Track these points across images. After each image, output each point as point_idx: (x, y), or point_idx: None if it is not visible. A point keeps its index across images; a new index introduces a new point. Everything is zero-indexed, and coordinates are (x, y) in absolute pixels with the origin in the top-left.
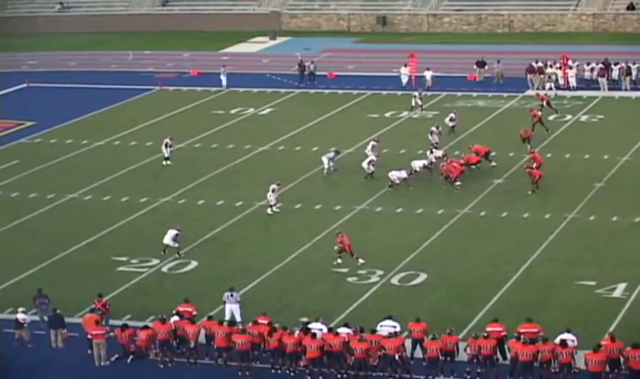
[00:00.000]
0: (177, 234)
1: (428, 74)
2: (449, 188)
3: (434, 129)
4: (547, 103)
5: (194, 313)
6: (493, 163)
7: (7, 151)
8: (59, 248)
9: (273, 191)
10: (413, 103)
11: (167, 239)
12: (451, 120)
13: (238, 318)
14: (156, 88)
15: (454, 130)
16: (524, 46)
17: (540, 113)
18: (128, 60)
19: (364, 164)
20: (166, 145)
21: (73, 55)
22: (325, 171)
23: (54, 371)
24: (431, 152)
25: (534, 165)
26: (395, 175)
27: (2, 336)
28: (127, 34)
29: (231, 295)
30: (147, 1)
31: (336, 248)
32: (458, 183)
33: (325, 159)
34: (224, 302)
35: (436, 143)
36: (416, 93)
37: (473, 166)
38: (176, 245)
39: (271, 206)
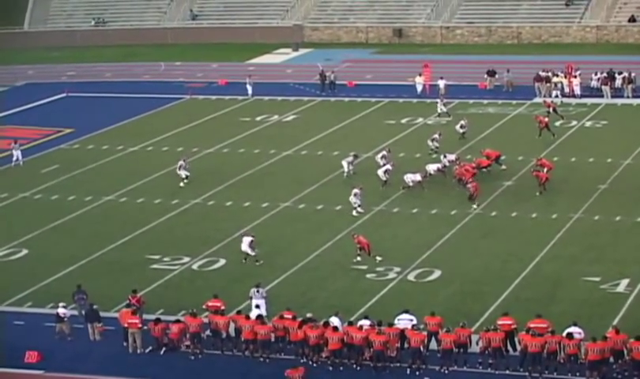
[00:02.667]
0: (252, 241)
1: (442, 83)
2: (462, 190)
3: (436, 136)
4: (554, 110)
5: (223, 307)
6: (503, 166)
7: (48, 157)
8: (97, 247)
9: (355, 195)
10: (439, 110)
11: (245, 246)
12: (462, 127)
13: (264, 313)
14: (186, 97)
15: (464, 136)
16: (532, 56)
17: (546, 119)
18: (160, 71)
19: (380, 172)
20: (180, 167)
21: (109, 67)
22: (345, 174)
23: (92, 362)
24: (445, 157)
25: (544, 169)
26: (410, 178)
27: (44, 330)
28: (159, 46)
29: (258, 291)
30: (178, 15)
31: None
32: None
33: (345, 163)
34: (251, 298)
35: (436, 148)
36: (438, 100)
37: (484, 169)
38: (253, 253)
39: (355, 208)
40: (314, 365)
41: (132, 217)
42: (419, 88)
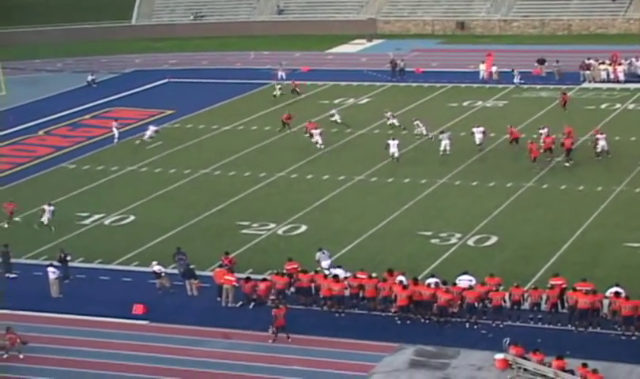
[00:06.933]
0: (54, 210)
1: (494, 69)
2: (516, 165)
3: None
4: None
5: (299, 268)
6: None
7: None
8: (194, 214)
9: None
10: (276, 91)
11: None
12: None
13: (341, 272)
14: (272, 82)
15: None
16: (580, 45)
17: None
18: (250, 59)
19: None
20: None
21: (205, 55)
22: (443, 150)
23: (190, 314)
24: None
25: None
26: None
27: (148, 286)
28: (249, 38)
29: (323, 253)
30: (266, 10)
31: None
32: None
33: (443, 141)
34: (318, 260)
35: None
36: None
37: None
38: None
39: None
40: (384, 316)
41: (225, 188)
42: (482, 75)
